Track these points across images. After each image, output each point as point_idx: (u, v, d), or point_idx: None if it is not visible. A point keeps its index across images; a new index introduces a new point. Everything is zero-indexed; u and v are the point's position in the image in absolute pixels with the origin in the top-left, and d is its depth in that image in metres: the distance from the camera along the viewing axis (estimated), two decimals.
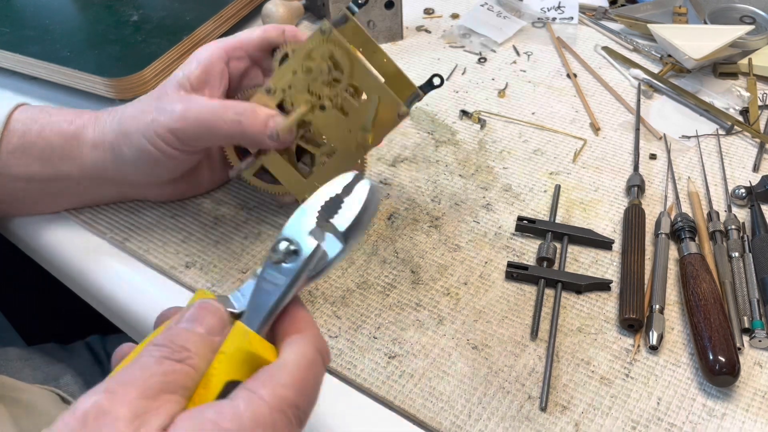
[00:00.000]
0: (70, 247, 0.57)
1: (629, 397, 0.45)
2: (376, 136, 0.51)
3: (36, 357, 0.66)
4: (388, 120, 0.50)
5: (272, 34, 0.52)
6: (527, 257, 0.55)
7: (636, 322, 0.48)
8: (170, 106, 0.49)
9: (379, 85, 0.49)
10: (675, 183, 0.61)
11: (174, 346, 0.31)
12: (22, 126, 0.53)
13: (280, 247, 0.34)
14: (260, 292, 0.34)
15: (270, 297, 0.34)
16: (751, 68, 0.73)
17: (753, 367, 0.47)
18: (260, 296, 0.34)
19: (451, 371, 0.47)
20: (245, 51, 0.52)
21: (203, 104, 0.49)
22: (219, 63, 0.51)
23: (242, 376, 0.32)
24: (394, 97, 0.49)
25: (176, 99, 0.49)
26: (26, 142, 0.52)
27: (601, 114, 0.70)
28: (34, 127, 0.53)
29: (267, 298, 0.34)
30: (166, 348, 0.31)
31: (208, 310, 0.33)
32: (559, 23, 0.84)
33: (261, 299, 0.34)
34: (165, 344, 0.31)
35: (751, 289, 0.50)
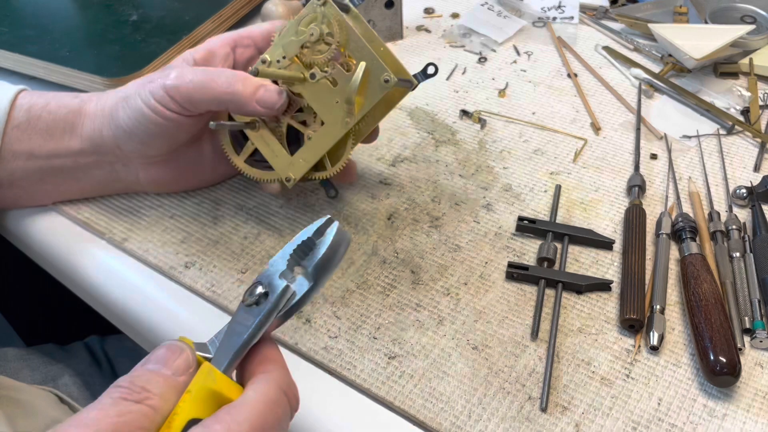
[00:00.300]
0: (69, 247, 0.57)
1: (630, 398, 0.45)
2: (362, 107, 0.51)
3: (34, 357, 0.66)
4: (374, 88, 0.50)
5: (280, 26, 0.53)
6: (527, 257, 0.55)
7: (636, 322, 0.48)
8: (169, 71, 0.50)
9: (368, 51, 0.49)
10: (676, 183, 0.61)
11: (134, 387, 0.31)
12: (28, 101, 0.54)
13: (254, 290, 0.36)
14: (231, 334, 0.36)
15: (238, 338, 0.35)
16: (752, 68, 0.73)
17: (754, 367, 0.47)
18: (230, 337, 0.36)
19: (451, 372, 0.47)
20: (252, 40, 0.54)
21: (196, 72, 0.50)
22: (225, 47, 0.53)
23: (206, 414, 0.32)
24: (380, 63, 0.49)
25: (177, 66, 0.51)
26: (32, 116, 0.53)
27: (601, 114, 0.70)
28: (39, 101, 0.54)
29: (236, 339, 0.35)
30: (125, 389, 0.31)
31: (174, 350, 0.34)
32: (559, 23, 0.84)
33: (230, 340, 0.35)
34: (125, 385, 0.31)
35: (752, 290, 0.50)
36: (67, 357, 0.68)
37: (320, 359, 0.48)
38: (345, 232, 0.38)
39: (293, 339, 0.49)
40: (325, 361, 0.48)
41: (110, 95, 0.53)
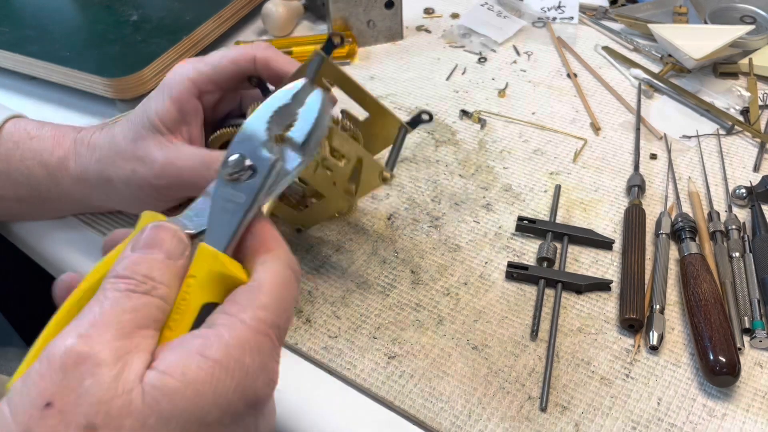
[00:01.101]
0: (69, 247, 0.57)
1: (629, 398, 0.45)
2: (362, 192, 0.50)
3: None
4: (371, 181, 0.48)
5: (243, 62, 0.49)
6: (527, 257, 0.55)
7: (636, 322, 0.48)
8: (149, 158, 0.47)
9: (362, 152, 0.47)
10: (675, 183, 0.61)
11: (138, 276, 0.30)
12: (6, 151, 0.52)
13: (237, 161, 0.33)
14: (220, 212, 0.33)
15: (233, 216, 0.32)
16: (752, 68, 0.73)
17: (753, 367, 0.47)
18: (221, 215, 0.33)
19: (451, 371, 0.47)
20: (216, 85, 0.49)
21: (184, 159, 0.47)
22: (192, 100, 0.48)
23: (217, 297, 0.31)
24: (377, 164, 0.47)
25: (154, 147, 0.48)
26: (11, 168, 0.52)
27: (601, 114, 0.70)
28: (16, 153, 0.52)
29: (230, 218, 0.32)
30: (130, 280, 0.29)
31: (164, 232, 0.32)
32: (559, 23, 0.84)
33: (222, 219, 0.33)
34: (128, 275, 0.30)
35: (752, 289, 0.50)
36: None
37: (320, 359, 0.48)
38: (326, 97, 0.35)
39: (293, 339, 0.49)
40: (325, 361, 0.48)
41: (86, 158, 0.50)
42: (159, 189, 0.48)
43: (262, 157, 0.33)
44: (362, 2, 0.78)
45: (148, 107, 0.48)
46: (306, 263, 0.54)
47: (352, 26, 0.79)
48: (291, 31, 0.83)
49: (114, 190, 0.50)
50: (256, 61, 0.49)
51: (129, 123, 0.49)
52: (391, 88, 0.74)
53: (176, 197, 0.50)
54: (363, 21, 0.79)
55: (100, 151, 0.50)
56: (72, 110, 0.72)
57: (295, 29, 0.84)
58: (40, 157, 0.51)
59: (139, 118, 0.49)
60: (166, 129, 0.48)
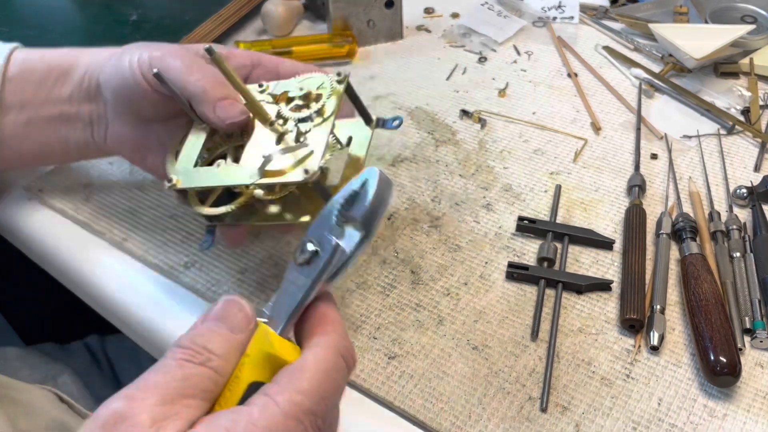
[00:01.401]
0: (68, 247, 0.57)
1: (630, 398, 0.45)
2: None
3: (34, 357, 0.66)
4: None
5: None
6: (528, 257, 0.55)
7: (637, 322, 0.48)
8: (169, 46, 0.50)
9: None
10: (676, 183, 0.61)
11: (196, 347, 0.31)
12: (24, 54, 0.54)
13: (305, 248, 0.35)
14: (284, 294, 0.35)
15: (293, 298, 0.34)
16: (753, 68, 0.73)
17: (754, 367, 0.47)
18: (284, 298, 0.35)
19: (451, 372, 0.47)
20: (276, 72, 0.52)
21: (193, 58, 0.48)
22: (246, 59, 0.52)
23: (265, 377, 0.32)
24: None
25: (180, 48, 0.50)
26: (25, 69, 0.53)
27: (601, 114, 0.70)
28: (36, 54, 0.54)
29: (289, 300, 0.34)
30: (188, 350, 0.30)
31: (233, 306, 0.33)
32: (559, 22, 0.84)
33: (284, 301, 0.34)
34: (187, 346, 0.31)
35: (753, 290, 0.50)
36: (67, 356, 0.68)
37: None
38: (387, 177, 0.36)
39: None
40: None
41: (108, 49, 0.53)
42: (154, 64, 0.48)
43: (326, 241, 0.35)
44: (362, 2, 0.78)
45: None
46: None
47: (352, 26, 0.79)
48: (291, 31, 0.83)
49: (117, 64, 0.50)
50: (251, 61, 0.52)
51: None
52: (391, 88, 0.74)
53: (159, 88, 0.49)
54: (363, 21, 0.79)
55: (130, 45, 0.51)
56: None
57: (295, 29, 0.84)
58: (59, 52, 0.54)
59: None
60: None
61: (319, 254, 0.35)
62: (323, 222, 0.36)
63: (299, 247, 0.35)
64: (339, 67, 0.77)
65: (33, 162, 0.59)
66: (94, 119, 0.54)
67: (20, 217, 0.60)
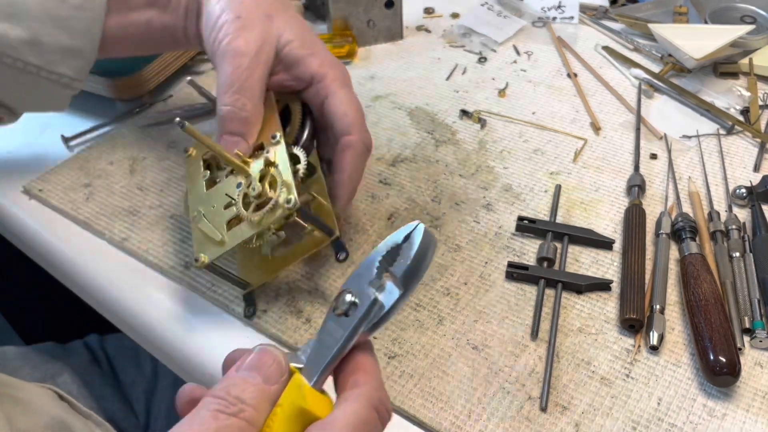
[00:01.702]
0: (69, 247, 0.57)
1: (630, 398, 0.45)
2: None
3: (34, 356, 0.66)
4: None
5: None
6: (527, 257, 0.55)
7: (636, 322, 0.48)
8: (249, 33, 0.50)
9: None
10: (676, 183, 0.61)
11: (230, 398, 0.31)
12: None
13: (344, 299, 0.35)
14: (321, 345, 0.35)
15: (329, 350, 0.34)
16: (752, 68, 0.73)
17: (753, 367, 0.47)
18: (320, 349, 0.35)
19: (451, 371, 0.47)
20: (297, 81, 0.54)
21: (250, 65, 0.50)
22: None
23: (297, 429, 0.32)
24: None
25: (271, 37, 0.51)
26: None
27: (601, 114, 0.70)
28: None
29: (326, 351, 0.34)
30: (222, 401, 0.31)
31: (267, 356, 0.33)
32: (559, 23, 0.84)
33: (321, 351, 0.35)
34: (221, 396, 0.31)
35: (752, 289, 0.50)
36: (67, 355, 0.68)
37: None
38: (431, 235, 0.36)
39: (293, 339, 0.49)
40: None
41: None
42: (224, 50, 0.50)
43: (365, 294, 0.35)
44: (362, 2, 0.78)
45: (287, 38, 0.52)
46: (306, 263, 0.54)
47: (352, 26, 0.79)
48: None
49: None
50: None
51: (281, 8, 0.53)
52: (391, 88, 0.74)
53: None
54: (363, 21, 0.79)
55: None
56: (72, 110, 0.71)
57: None
58: None
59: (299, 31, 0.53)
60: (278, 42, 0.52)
61: (357, 307, 0.35)
62: (364, 272, 0.36)
63: (338, 297, 0.35)
64: None
65: (133, 53, 0.60)
66: (185, 18, 0.55)
67: (20, 217, 0.60)
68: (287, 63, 0.52)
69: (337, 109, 0.51)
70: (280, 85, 0.53)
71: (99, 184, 0.62)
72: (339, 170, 0.52)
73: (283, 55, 0.52)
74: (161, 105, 0.72)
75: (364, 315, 0.34)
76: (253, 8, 0.51)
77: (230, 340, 0.50)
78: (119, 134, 0.68)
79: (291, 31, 0.52)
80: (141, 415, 0.66)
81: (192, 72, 0.77)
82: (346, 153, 0.51)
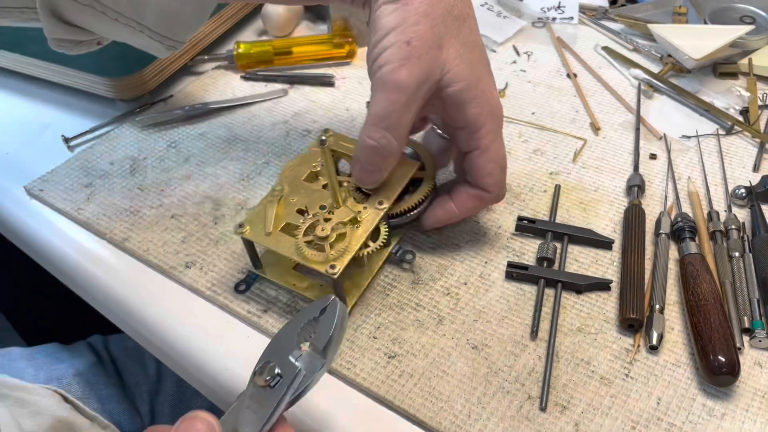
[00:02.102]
0: (69, 247, 0.57)
1: (629, 397, 0.45)
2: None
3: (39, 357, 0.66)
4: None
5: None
6: (527, 257, 0.55)
7: (636, 321, 0.48)
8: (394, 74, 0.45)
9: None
10: (675, 183, 0.61)
11: None
12: None
13: (270, 369, 0.37)
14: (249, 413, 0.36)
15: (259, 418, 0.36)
16: (751, 68, 0.73)
17: (753, 367, 0.47)
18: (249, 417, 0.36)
19: (451, 371, 0.47)
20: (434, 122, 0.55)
21: (407, 102, 0.46)
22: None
23: None
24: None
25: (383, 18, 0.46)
26: None
27: (601, 114, 0.70)
28: None
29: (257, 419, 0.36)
30: None
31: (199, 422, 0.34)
32: (559, 23, 0.84)
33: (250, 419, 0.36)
34: None
35: (752, 289, 0.50)
36: (71, 356, 0.68)
37: None
38: (345, 307, 0.39)
39: None
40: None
41: None
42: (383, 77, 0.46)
43: (288, 365, 0.37)
44: None
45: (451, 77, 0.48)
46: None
47: (352, 26, 0.79)
48: (291, 32, 0.83)
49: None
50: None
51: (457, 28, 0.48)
52: None
53: None
54: (363, 21, 0.79)
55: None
56: (72, 110, 0.72)
57: (295, 30, 0.84)
58: None
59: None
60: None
61: (282, 378, 0.37)
62: (284, 344, 0.38)
63: (262, 368, 0.37)
64: (339, 67, 0.77)
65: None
66: None
67: (21, 217, 0.60)
68: (446, 102, 0.48)
69: (484, 168, 0.50)
70: (428, 111, 0.51)
71: (99, 184, 0.62)
72: (457, 206, 0.52)
73: (444, 94, 0.47)
74: (161, 105, 0.72)
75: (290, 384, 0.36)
76: (426, 33, 0.45)
77: (230, 339, 0.50)
78: (119, 134, 0.68)
79: (459, 66, 0.47)
80: (146, 416, 0.66)
81: (192, 72, 0.77)
82: (474, 201, 0.52)
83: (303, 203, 0.51)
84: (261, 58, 0.77)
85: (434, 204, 0.54)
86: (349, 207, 0.50)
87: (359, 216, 0.50)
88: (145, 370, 0.69)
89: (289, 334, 0.38)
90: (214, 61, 0.77)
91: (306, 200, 0.52)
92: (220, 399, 0.50)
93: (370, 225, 0.49)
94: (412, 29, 0.45)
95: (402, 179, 0.52)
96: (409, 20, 0.45)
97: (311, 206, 0.51)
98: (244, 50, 0.76)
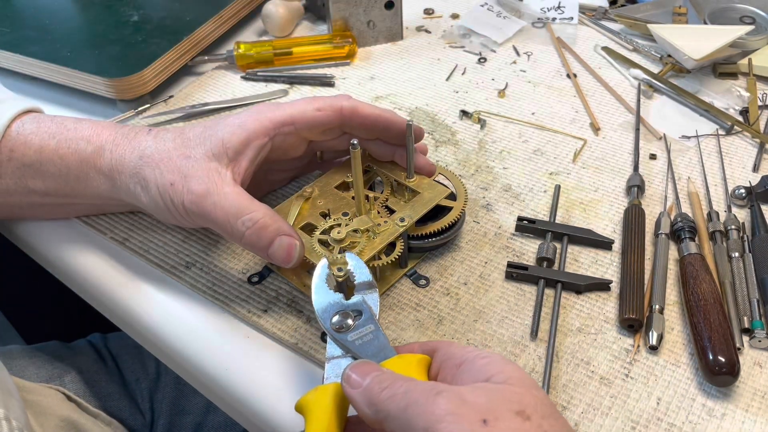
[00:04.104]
0: (70, 247, 0.57)
1: (629, 397, 0.45)
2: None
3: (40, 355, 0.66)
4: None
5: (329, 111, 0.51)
6: (527, 257, 0.55)
7: (636, 322, 0.48)
8: (191, 182, 0.47)
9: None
10: (675, 183, 0.61)
11: None
12: (39, 140, 0.52)
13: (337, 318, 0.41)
14: (366, 345, 0.40)
15: (376, 340, 0.40)
16: (751, 68, 0.73)
17: (753, 367, 0.47)
18: (368, 347, 0.40)
19: None
20: (295, 126, 0.51)
21: (220, 204, 0.46)
22: (262, 138, 0.49)
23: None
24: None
25: (200, 176, 0.47)
26: (43, 159, 0.51)
27: (601, 114, 0.70)
28: (51, 143, 0.52)
29: (376, 342, 0.40)
30: None
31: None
32: (559, 23, 0.84)
33: (371, 347, 0.40)
34: None
35: (751, 289, 0.50)
36: (72, 355, 0.68)
37: (321, 358, 0.48)
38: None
39: (294, 338, 0.49)
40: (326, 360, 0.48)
41: (126, 154, 0.50)
42: (186, 212, 0.48)
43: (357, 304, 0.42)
44: (362, 2, 0.78)
45: (217, 129, 0.49)
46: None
47: (352, 26, 0.79)
48: (291, 32, 0.83)
49: (144, 190, 0.49)
50: (342, 111, 0.51)
51: (185, 137, 0.49)
52: (391, 89, 0.74)
53: (197, 225, 0.50)
54: (363, 21, 0.79)
55: (145, 150, 0.49)
56: (72, 110, 0.72)
57: (295, 30, 0.84)
58: (75, 147, 0.51)
59: (200, 137, 0.49)
60: (226, 156, 0.48)
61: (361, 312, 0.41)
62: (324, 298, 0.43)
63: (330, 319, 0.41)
64: (339, 67, 0.77)
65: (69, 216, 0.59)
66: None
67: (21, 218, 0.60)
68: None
69: None
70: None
71: None
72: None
73: None
74: (162, 105, 0.72)
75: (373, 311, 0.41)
76: None
77: (230, 340, 0.50)
78: None
79: None
80: (147, 413, 0.66)
81: (192, 72, 0.77)
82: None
83: (328, 207, 0.52)
84: (261, 58, 0.77)
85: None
86: (370, 218, 0.51)
87: (378, 228, 0.50)
88: (145, 367, 0.69)
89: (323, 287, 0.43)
90: (215, 62, 0.77)
91: (332, 205, 0.52)
92: (219, 399, 0.50)
93: (387, 238, 0.49)
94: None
95: (429, 203, 0.52)
96: None
97: (335, 211, 0.52)
98: (244, 50, 0.76)
